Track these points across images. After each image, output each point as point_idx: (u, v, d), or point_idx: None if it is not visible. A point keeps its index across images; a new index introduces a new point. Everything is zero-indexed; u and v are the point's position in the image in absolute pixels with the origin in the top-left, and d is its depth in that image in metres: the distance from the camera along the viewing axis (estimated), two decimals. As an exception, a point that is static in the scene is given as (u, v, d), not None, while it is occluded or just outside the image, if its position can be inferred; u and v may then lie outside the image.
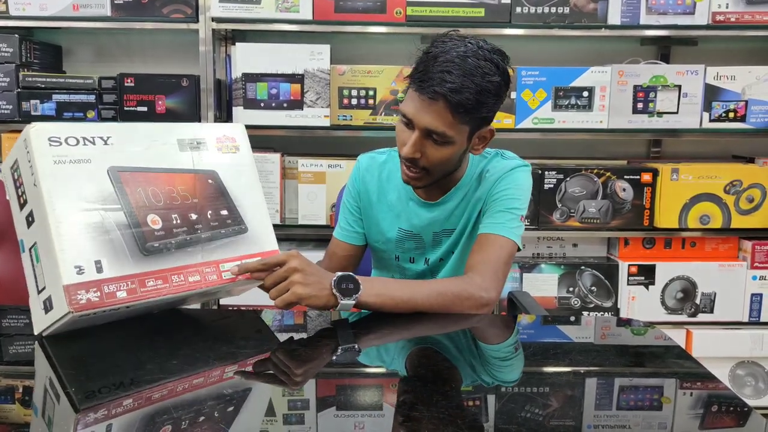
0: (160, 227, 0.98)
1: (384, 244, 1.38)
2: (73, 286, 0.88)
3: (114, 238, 0.93)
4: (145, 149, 1.01)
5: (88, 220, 0.92)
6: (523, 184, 1.29)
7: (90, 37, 2.44)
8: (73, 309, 0.87)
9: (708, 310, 2.31)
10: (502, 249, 1.23)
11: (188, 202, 1.02)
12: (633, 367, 0.98)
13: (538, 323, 1.30)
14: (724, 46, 2.46)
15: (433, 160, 1.18)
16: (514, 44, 2.45)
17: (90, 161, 0.95)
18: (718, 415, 0.80)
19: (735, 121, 2.22)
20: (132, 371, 0.88)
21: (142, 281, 0.94)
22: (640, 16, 2.17)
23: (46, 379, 0.88)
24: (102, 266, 0.91)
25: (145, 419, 0.75)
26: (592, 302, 2.32)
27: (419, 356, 1.02)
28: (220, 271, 1.03)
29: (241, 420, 0.75)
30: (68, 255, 0.89)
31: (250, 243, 1.08)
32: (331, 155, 2.28)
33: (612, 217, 2.26)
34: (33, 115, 2.17)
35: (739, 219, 2.25)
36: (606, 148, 2.52)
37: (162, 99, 2.18)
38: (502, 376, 0.95)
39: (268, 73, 2.16)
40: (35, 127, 0.93)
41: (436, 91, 1.11)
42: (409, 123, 1.17)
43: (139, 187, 0.98)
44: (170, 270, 0.97)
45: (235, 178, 1.10)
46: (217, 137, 1.10)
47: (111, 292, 0.91)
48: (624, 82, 2.19)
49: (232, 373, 0.90)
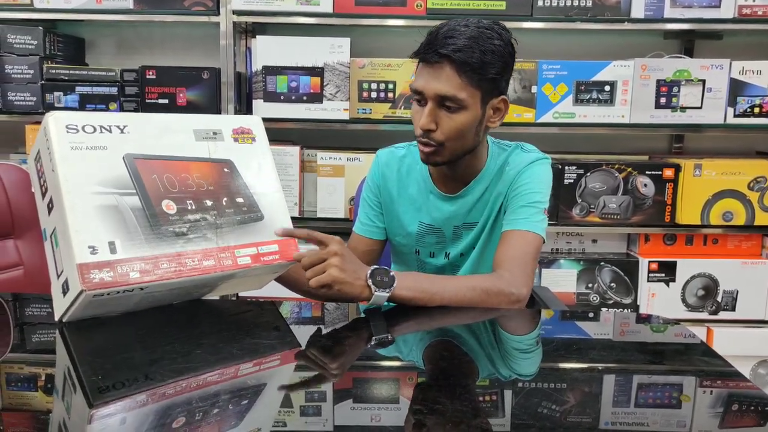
0: (175, 212, 0.99)
1: (404, 238, 1.38)
2: (86, 265, 0.89)
3: (128, 220, 0.94)
4: (161, 138, 1.03)
5: (102, 203, 0.93)
6: (543, 177, 1.29)
7: (112, 30, 2.47)
8: (86, 288, 0.88)
9: (729, 307, 2.28)
10: (529, 244, 1.22)
11: (203, 189, 1.04)
12: (658, 365, 0.97)
13: (556, 319, 1.29)
14: (750, 40, 2.42)
15: (448, 131, 1.17)
16: (536, 37, 2.43)
17: (106, 148, 0.97)
18: (747, 413, 0.80)
19: (760, 117, 2.18)
20: (152, 364, 0.89)
21: (156, 263, 0.95)
22: (664, 9, 2.14)
23: (65, 368, 0.89)
24: (116, 247, 0.92)
25: (168, 412, 0.76)
26: (611, 298, 2.30)
27: (439, 349, 1.02)
28: (236, 257, 1.04)
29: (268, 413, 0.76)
30: (82, 235, 0.90)
31: (267, 231, 1.09)
32: (350, 149, 2.28)
33: (632, 213, 2.24)
34: (56, 106, 2.19)
35: (762, 216, 2.21)
36: (627, 143, 2.49)
37: (183, 91, 2.20)
38: (522, 370, 0.94)
39: (288, 66, 2.16)
40: (53, 115, 0.95)
41: (441, 53, 1.12)
42: (421, 98, 1.18)
43: (155, 173, 1.00)
44: (184, 253, 0.98)
45: (251, 167, 1.11)
46: (234, 128, 1.12)
47: (124, 272, 0.92)
48: (647, 77, 2.17)
49: (256, 367, 0.90)
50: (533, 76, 2.16)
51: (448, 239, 1.35)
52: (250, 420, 0.73)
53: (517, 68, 2.15)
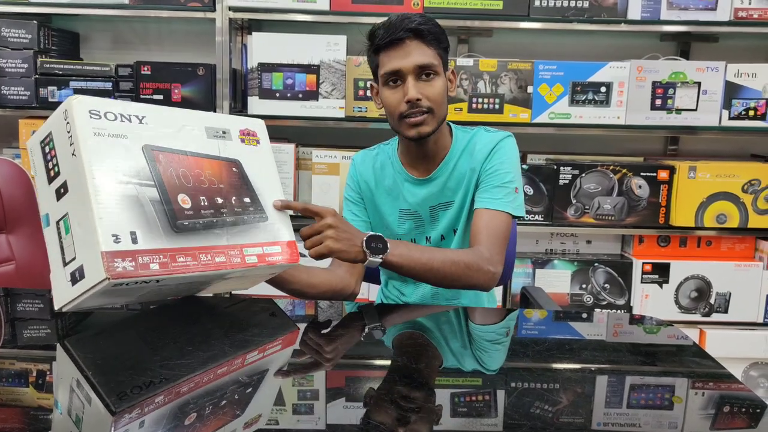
0: (190, 207, 1.00)
1: (386, 229, 1.42)
2: (111, 253, 0.88)
3: (148, 212, 0.94)
4: (177, 132, 1.03)
5: (124, 192, 0.93)
6: (513, 155, 1.35)
7: (107, 25, 2.45)
8: (111, 276, 0.88)
9: (722, 310, 2.29)
10: (503, 223, 1.28)
11: (214, 186, 1.05)
12: (650, 366, 0.97)
13: (549, 319, 1.29)
14: (746, 42, 2.42)
15: (433, 96, 1.26)
16: (532, 38, 2.44)
17: (126, 137, 0.96)
18: (737, 414, 0.80)
19: (755, 120, 2.19)
20: (163, 364, 0.88)
21: (173, 256, 0.95)
22: (660, 11, 2.14)
23: (72, 380, 0.88)
24: (137, 237, 0.92)
25: (176, 413, 0.75)
26: (604, 299, 2.31)
27: (422, 347, 1.02)
28: (244, 255, 1.05)
29: None
30: (106, 223, 0.89)
31: (269, 232, 1.10)
32: (345, 146, 2.27)
33: (627, 215, 2.24)
34: (50, 101, 2.18)
35: (756, 218, 2.22)
36: (622, 145, 2.49)
37: (178, 87, 2.19)
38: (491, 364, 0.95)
39: (284, 63, 2.16)
40: (78, 98, 0.94)
41: (409, 28, 1.23)
42: (397, 78, 1.26)
43: (171, 167, 1.00)
44: (199, 249, 0.99)
45: (256, 169, 1.12)
46: (240, 129, 1.13)
47: (145, 263, 0.91)
48: (642, 78, 2.17)
49: (254, 360, 0.90)
50: (529, 76, 2.16)
51: (426, 222, 1.39)
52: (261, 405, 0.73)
53: (513, 68, 2.16)
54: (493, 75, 2.16)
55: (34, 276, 1.48)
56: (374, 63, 1.30)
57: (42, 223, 0.99)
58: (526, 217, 2.24)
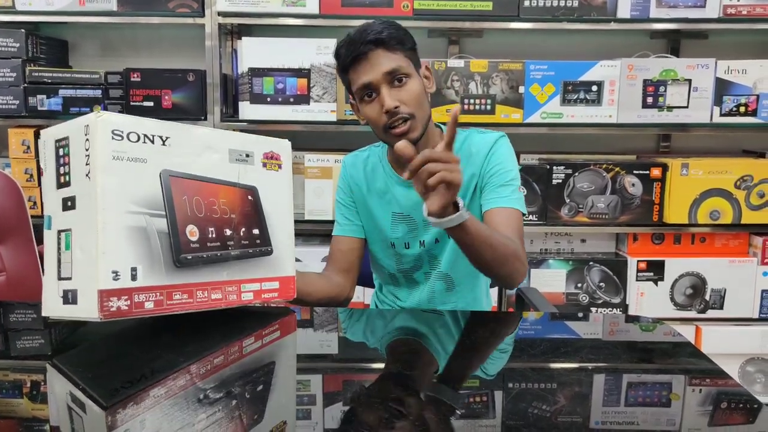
0: (197, 239, 0.98)
1: (379, 233, 1.41)
2: (107, 291, 0.87)
3: (153, 246, 0.93)
4: (198, 155, 1.01)
5: (133, 224, 0.91)
6: (511, 154, 1.36)
7: (96, 32, 2.44)
8: (104, 316, 0.87)
9: (718, 306, 2.29)
10: (518, 220, 1.30)
11: (226, 216, 1.03)
12: (642, 364, 0.97)
13: (545, 319, 1.29)
14: (736, 39, 2.43)
15: (410, 100, 1.24)
16: (523, 38, 2.44)
17: (146, 161, 0.94)
18: (729, 412, 0.79)
19: (746, 116, 2.20)
20: (155, 360, 0.87)
21: (169, 294, 0.94)
22: (650, 9, 2.15)
23: (65, 394, 0.87)
24: (137, 274, 0.91)
25: (173, 407, 0.75)
26: (600, 298, 2.31)
27: (412, 351, 1.01)
28: (241, 292, 1.04)
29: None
30: (109, 258, 0.88)
31: (271, 266, 1.09)
32: (337, 150, 2.27)
33: (621, 213, 2.24)
34: (39, 110, 2.17)
35: (749, 214, 2.22)
36: (615, 143, 2.50)
37: (168, 94, 2.18)
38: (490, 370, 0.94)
39: (275, 67, 2.15)
40: (102, 116, 0.90)
41: (369, 40, 1.22)
42: (371, 91, 1.25)
43: (185, 195, 0.98)
44: (196, 285, 0.98)
45: (272, 196, 1.11)
46: (264, 152, 1.11)
47: (140, 302, 0.91)
48: (633, 77, 2.17)
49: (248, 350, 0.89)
50: (520, 76, 2.16)
51: (419, 225, 1.37)
52: None
53: (504, 69, 2.16)
54: (484, 76, 2.16)
55: (26, 287, 1.47)
56: (346, 81, 1.30)
57: (44, 224, 0.97)
58: (520, 217, 2.24)
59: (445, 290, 1.40)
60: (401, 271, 1.42)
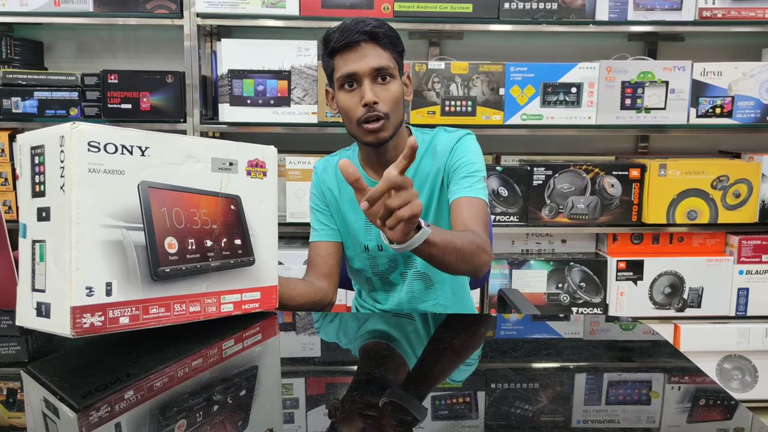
0: (175, 252, 0.96)
1: (352, 237, 1.41)
2: (80, 308, 0.85)
3: (129, 259, 0.90)
4: (179, 165, 0.98)
5: (108, 238, 0.89)
6: (476, 149, 1.36)
7: (72, 33, 2.41)
8: (76, 333, 0.85)
9: (695, 304, 2.32)
10: (483, 210, 1.30)
11: (207, 227, 1.01)
12: (620, 362, 0.98)
13: (527, 320, 1.29)
14: (711, 42, 2.47)
15: (389, 100, 1.25)
16: (503, 40, 2.45)
17: (123, 173, 0.91)
18: (705, 409, 0.80)
19: (722, 117, 2.23)
20: (133, 363, 0.86)
21: (146, 308, 0.92)
22: (627, 11, 2.17)
23: (40, 399, 0.86)
24: (112, 289, 0.89)
25: (151, 410, 0.73)
26: (581, 298, 2.33)
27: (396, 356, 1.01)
28: (220, 303, 1.02)
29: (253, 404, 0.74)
30: (83, 274, 0.86)
31: (253, 277, 1.07)
32: (319, 152, 2.26)
33: (600, 213, 2.26)
34: (14, 112, 2.13)
35: (726, 214, 2.26)
36: (594, 144, 2.52)
37: (147, 96, 2.15)
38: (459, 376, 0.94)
39: (255, 69, 2.14)
40: (78, 128, 0.87)
41: (365, 31, 1.22)
42: (353, 81, 1.24)
43: (164, 206, 0.95)
44: (174, 298, 0.96)
45: (255, 205, 1.08)
46: (249, 160, 1.08)
47: (115, 317, 0.89)
48: (612, 78, 2.19)
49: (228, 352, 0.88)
50: (501, 78, 2.17)
51: None
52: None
53: (484, 71, 2.17)
54: (464, 78, 2.17)
55: (2, 295, 1.44)
56: (330, 67, 1.29)
57: (19, 231, 0.95)
58: (501, 218, 2.25)
59: (424, 289, 1.40)
60: (377, 274, 1.42)
